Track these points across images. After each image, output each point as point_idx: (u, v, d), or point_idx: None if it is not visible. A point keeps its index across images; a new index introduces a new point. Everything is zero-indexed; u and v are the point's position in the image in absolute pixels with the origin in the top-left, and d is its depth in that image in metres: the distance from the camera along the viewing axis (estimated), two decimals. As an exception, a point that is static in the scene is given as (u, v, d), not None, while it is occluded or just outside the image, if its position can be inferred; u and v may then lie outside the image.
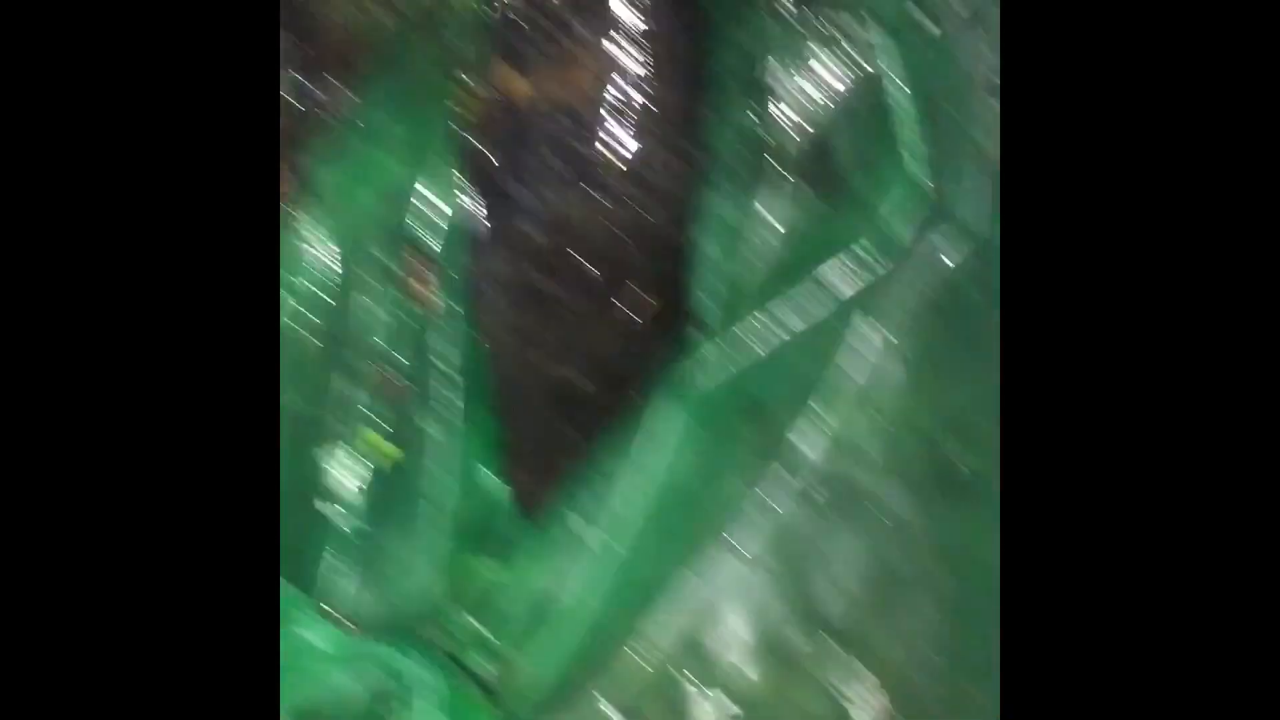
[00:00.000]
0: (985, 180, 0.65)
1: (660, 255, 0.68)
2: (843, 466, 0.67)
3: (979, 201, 0.66)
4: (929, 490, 0.65)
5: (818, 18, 0.68)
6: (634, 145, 0.67)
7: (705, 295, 0.68)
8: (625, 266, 0.68)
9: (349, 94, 0.69)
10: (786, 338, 0.66)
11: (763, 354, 0.66)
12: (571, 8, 0.67)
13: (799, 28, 0.68)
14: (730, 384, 0.66)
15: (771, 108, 0.69)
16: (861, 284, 0.66)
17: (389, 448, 0.67)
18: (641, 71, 0.67)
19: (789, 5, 0.68)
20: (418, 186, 0.66)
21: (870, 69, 0.68)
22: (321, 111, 0.69)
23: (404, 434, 0.67)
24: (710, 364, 0.66)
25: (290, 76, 0.69)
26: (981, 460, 0.65)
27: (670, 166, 0.68)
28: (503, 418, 0.68)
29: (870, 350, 0.67)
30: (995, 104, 0.65)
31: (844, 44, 0.68)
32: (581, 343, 0.68)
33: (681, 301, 0.68)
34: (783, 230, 0.69)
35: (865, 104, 0.68)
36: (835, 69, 0.68)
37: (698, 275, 0.68)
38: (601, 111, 0.67)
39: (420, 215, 0.67)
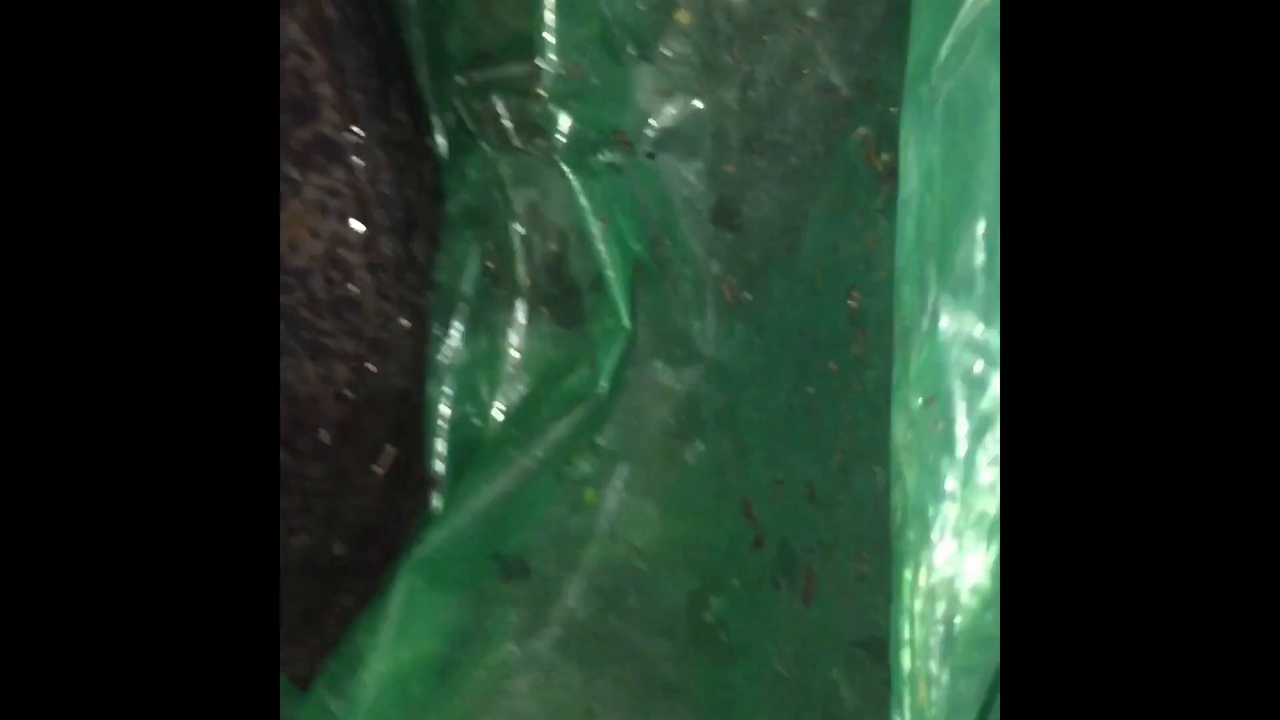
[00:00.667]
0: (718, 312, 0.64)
1: (393, 409, 0.66)
2: (604, 615, 0.66)
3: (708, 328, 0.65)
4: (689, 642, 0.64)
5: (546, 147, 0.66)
6: (351, 299, 0.65)
7: (442, 445, 0.66)
8: (355, 426, 0.65)
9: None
10: (521, 480, 0.65)
11: (497, 503, 0.64)
12: (280, 156, 0.64)
13: (528, 155, 0.67)
14: (464, 538, 0.64)
15: (509, 241, 0.67)
16: (584, 420, 0.64)
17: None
18: (349, 218, 0.64)
19: (518, 135, 0.67)
20: None
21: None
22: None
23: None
24: (444, 519, 0.64)
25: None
26: (732, 605, 0.64)
27: (391, 317, 0.66)
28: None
29: (616, 486, 0.66)
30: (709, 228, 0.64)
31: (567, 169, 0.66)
32: (321, 508, 0.66)
33: (419, 453, 0.66)
34: (517, 367, 0.67)
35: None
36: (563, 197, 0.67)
37: (430, 426, 0.66)
38: (314, 268, 0.64)
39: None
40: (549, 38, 0.60)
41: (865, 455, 0.57)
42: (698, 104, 0.62)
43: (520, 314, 0.67)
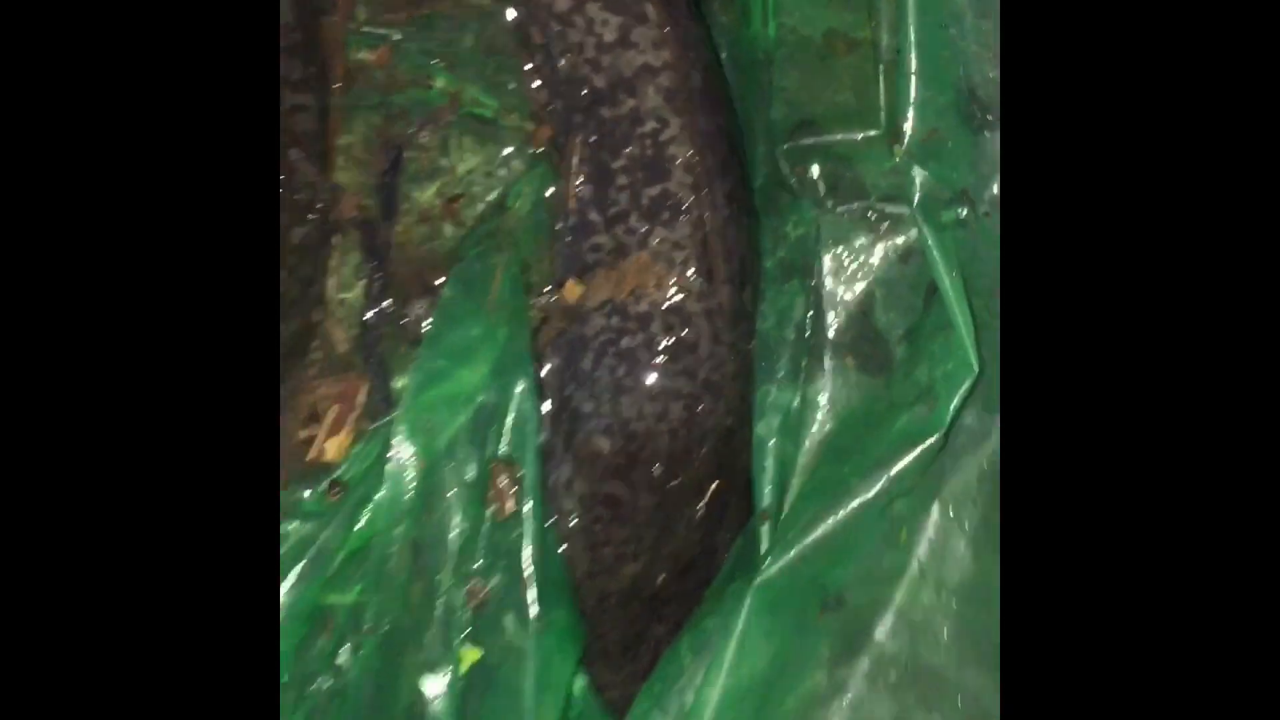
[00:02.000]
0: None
1: (719, 446, 0.71)
2: (913, 645, 0.69)
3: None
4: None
5: (864, 208, 0.71)
6: (688, 343, 0.70)
7: (765, 482, 0.70)
8: (685, 460, 0.70)
9: (426, 311, 0.72)
10: (846, 518, 0.68)
11: (822, 538, 0.68)
12: (630, 212, 0.70)
13: (841, 215, 0.71)
14: (793, 569, 0.68)
15: (821, 293, 0.72)
16: (915, 459, 0.68)
17: (471, 650, 0.68)
18: (690, 269, 0.70)
19: (830, 196, 0.72)
20: (496, 397, 0.69)
21: (909, 252, 0.71)
22: (402, 328, 0.72)
23: (486, 635, 0.69)
24: (773, 551, 0.68)
25: (372, 297, 0.72)
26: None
27: (723, 361, 0.71)
28: (582, 616, 0.70)
29: (930, 526, 0.69)
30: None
31: (887, 229, 0.71)
32: (650, 537, 0.70)
33: (743, 490, 0.71)
34: (834, 410, 0.71)
35: (908, 286, 0.71)
36: (879, 254, 0.71)
37: (757, 463, 0.70)
38: (656, 314, 0.70)
39: (500, 425, 0.69)
40: (911, 104, 0.65)
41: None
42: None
43: (829, 360, 0.72)
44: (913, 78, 0.66)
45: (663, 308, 0.70)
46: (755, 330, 0.72)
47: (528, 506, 0.68)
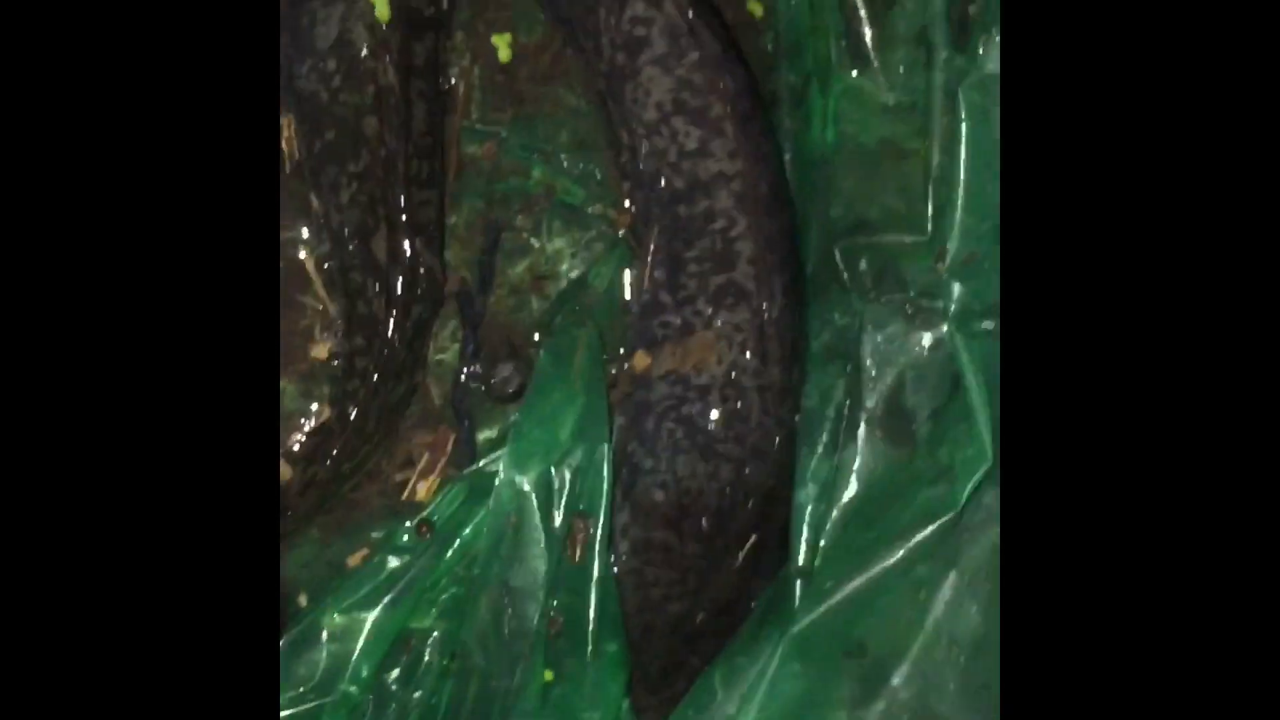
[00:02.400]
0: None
1: (761, 505, 0.80)
2: (924, 693, 0.78)
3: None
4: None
5: (903, 301, 0.80)
6: (741, 414, 0.80)
7: (802, 542, 0.80)
8: (730, 516, 0.80)
9: (512, 372, 0.83)
10: (871, 578, 0.78)
11: (850, 594, 0.77)
12: (698, 296, 0.80)
13: (883, 306, 0.81)
14: (823, 621, 0.77)
15: (860, 374, 0.81)
16: (935, 531, 0.77)
17: (546, 672, 0.78)
18: (748, 350, 0.80)
19: (875, 288, 0.81)
20: (578, 457, 0.79)
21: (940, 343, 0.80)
22: (490, 387, 0.83)
23: (555, 661, 0.78)
24: (805, 603, 0.77)
25: (465, 358, 0.83)
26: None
27: (770, 431, 0.80)
28: (631, 648, 0.79)
29: (947, 588, 0.78)
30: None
31: (922, 321, 0.81)
32: (694, 582, 0.80)
33: (779, 544, 0.80)
34: (863, 479, 0.81)
35: (938, 373, 0.81)
36: (914, 341, 0.81)
37: (795, 525, 0.80)
38: (714, 387, 0.80)
39: (581, 481, 0.79)
40: (955, 226, 0.75)
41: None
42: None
43: (863, 433, 0.81)
44: (959, 202, 0.75)
45: (720, 382, 0.79)
46: (801, 405, 0.82)
47: (596, 553, 0.78)
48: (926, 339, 0.81)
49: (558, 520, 0.78)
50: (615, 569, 0.79)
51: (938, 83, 0.77)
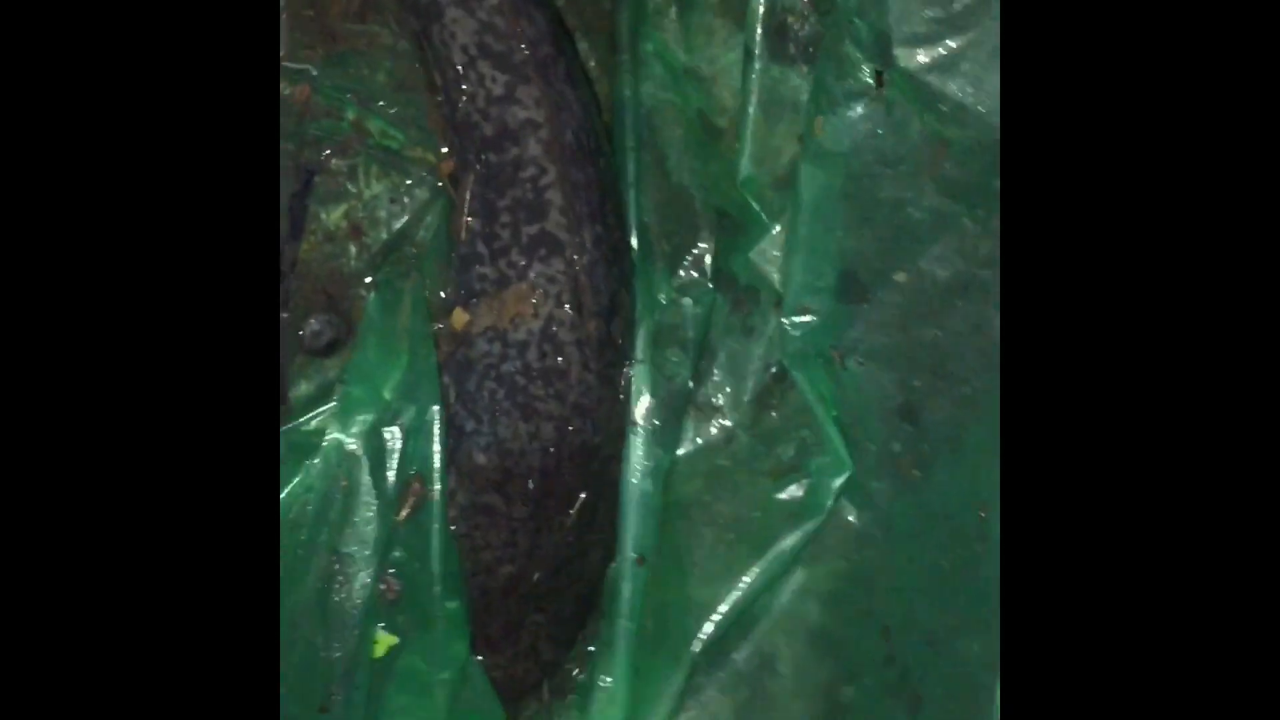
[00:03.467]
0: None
1: (587, 462, 0.79)
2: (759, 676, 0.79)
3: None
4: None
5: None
6: (560, 370, 0.78)
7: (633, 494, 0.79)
8: (556, 475, 0.78)
9: (324, 325, 0.80)
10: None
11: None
12: (511, 246, 0.77)
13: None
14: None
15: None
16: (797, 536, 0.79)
17: (387, 637, 0.77)
18: (565, 303, 0.77)
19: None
20: (410, 417, 0.78)
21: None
22: (300, 339, 0.80)
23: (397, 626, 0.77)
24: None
25: (287, 321, 0.80)
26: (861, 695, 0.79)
27: (591, 386, 0.78)
28: (473, 610, 0.78)
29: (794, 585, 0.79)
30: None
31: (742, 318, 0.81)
32: (525, 543, 0.79)
33: (611, 498, 0.79)
34: (701, 470, 0.81)
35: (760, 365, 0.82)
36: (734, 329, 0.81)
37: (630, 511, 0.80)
38: (532, 341, 0.78)
39: (414, 440, 0.78)
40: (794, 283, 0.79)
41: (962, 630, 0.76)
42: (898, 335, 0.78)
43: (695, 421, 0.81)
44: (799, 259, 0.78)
45: (539, 337, 0.77)
46: (625, 358, 0.80)
47: (431, 515, 0.77)
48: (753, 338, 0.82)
49: (390, 482, 0.76)
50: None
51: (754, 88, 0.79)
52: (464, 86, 0.77)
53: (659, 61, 0.83)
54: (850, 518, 0.78)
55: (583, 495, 0.78)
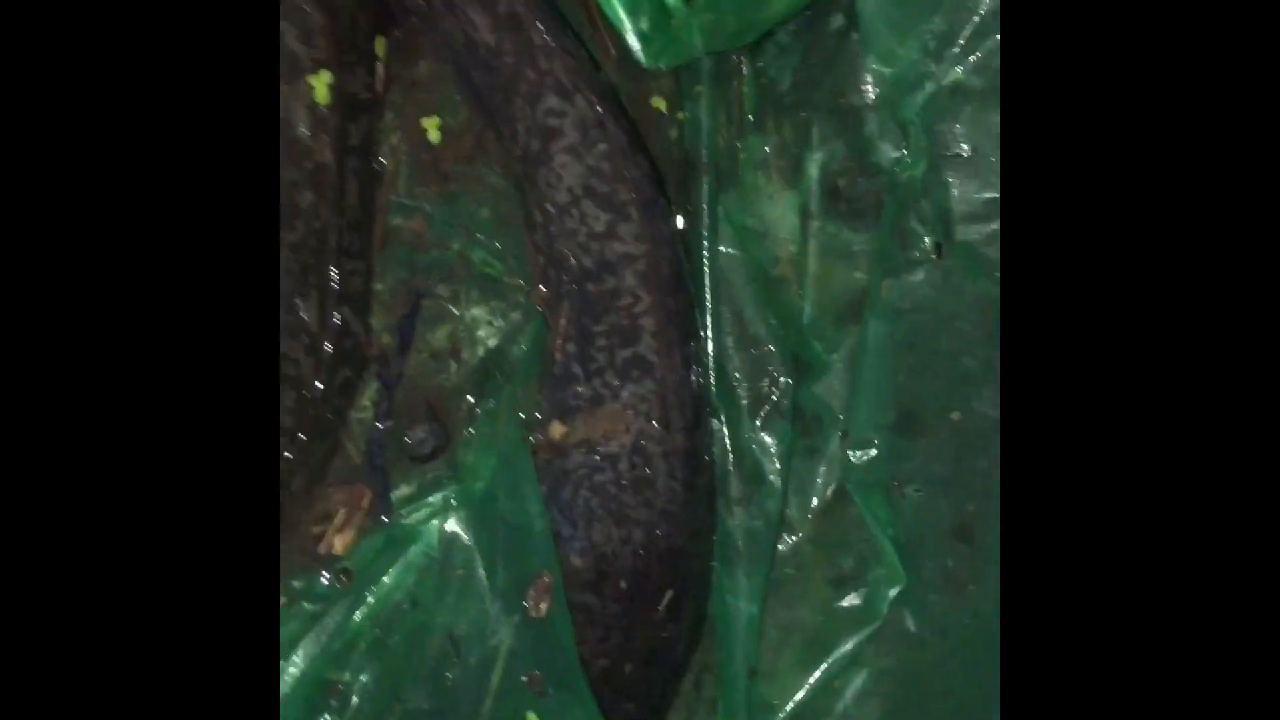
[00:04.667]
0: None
1: (674, 561, 0.86)
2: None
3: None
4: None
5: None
6: (648, 479, 0.85)
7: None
8: (645, 575, 0.85)
9: (427, 434, 0.87)
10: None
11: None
12: (606, 369, 0.86)
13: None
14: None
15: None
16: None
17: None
18: (653, 419, 0.86)
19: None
20: (513, 514, 0.85)
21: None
22: (405, 446, 0.87)
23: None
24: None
25: (380, 418, 0.87)
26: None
27: (676, 493, 0.86)
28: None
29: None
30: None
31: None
32: (617, 638, 0.85)
33: (697, 594, 0.86)
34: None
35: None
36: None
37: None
38: (623, 454, 0.85)
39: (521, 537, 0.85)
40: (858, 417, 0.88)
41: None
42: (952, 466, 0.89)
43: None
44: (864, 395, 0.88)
45: (629, 449, 0.85)
46: (707, 466, 0.88)
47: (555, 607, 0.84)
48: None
49: (500, 574, 0.83)
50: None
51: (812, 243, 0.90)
52: (567, 223, 0.87)
53: (728, 222, 0.93)
54: (908, 625, 0.86)
55: (670, 592, 0.85)
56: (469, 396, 0.90)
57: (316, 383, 0.80)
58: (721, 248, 0.91)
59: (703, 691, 0.91)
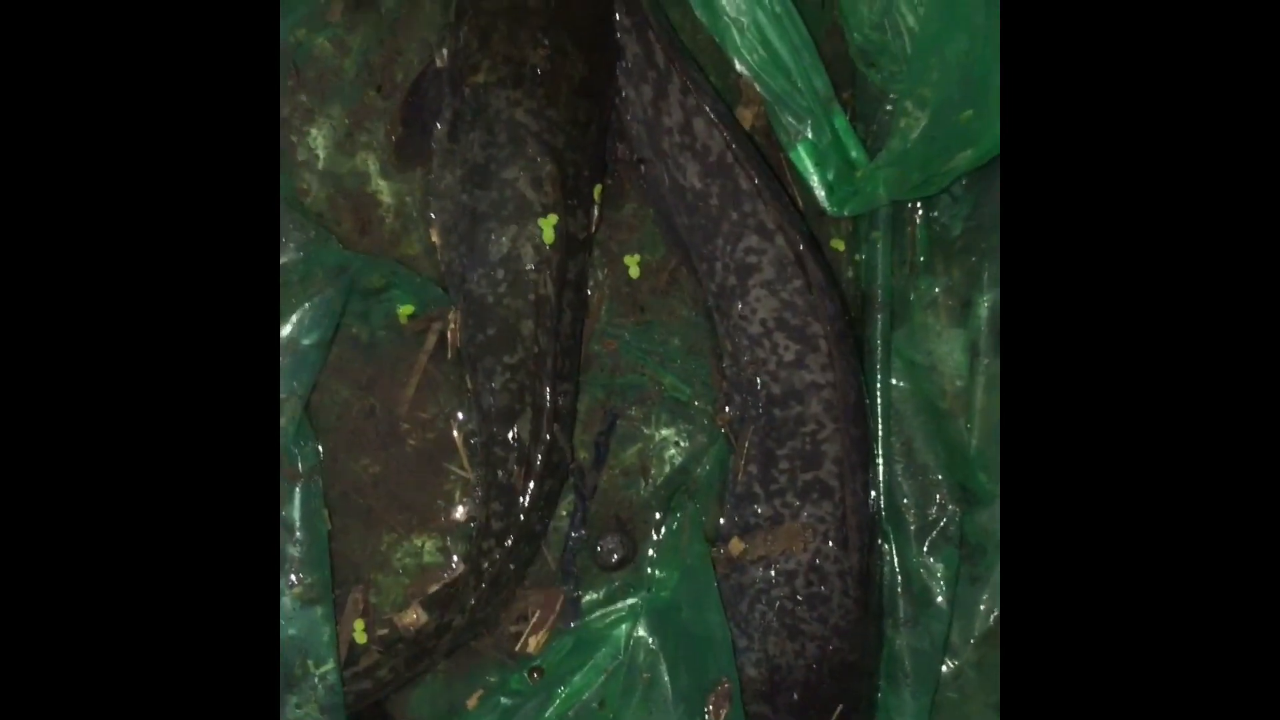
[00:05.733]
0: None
1: (844, 677, 0.91)
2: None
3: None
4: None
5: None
6: (823, 596, 0.91)
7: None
8: (817, 688, 0.90)
9: (617, 544, 0.95)
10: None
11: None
12: (787, 490, 0.92)
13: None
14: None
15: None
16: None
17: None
18: (830, 539, 0.91)
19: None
20: (693, 624, 0.92)
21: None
22: (596, 554, 0.95)
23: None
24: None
25: (575, 526, 0.95)
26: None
27: (849, 611, 0.91)
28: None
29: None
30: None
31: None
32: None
33: (867, 708, 0.92)
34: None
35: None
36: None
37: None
38: (800, 571, 0.91)
39: (700, 646, 0.91)
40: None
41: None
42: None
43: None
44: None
45: (806, 567, 0.91)
46: (879, 586, 0.93)
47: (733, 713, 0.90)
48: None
49: (682, 679, 0.89)
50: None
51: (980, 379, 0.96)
52: (758, 353, 0.94)
53: (899, 357, 0.99)
54: None
55: (840, 706, 0.90)
56: (656, 512, 0.97)
57: (527, 494, 0.88)
58: (893, 380, 0.98)
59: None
